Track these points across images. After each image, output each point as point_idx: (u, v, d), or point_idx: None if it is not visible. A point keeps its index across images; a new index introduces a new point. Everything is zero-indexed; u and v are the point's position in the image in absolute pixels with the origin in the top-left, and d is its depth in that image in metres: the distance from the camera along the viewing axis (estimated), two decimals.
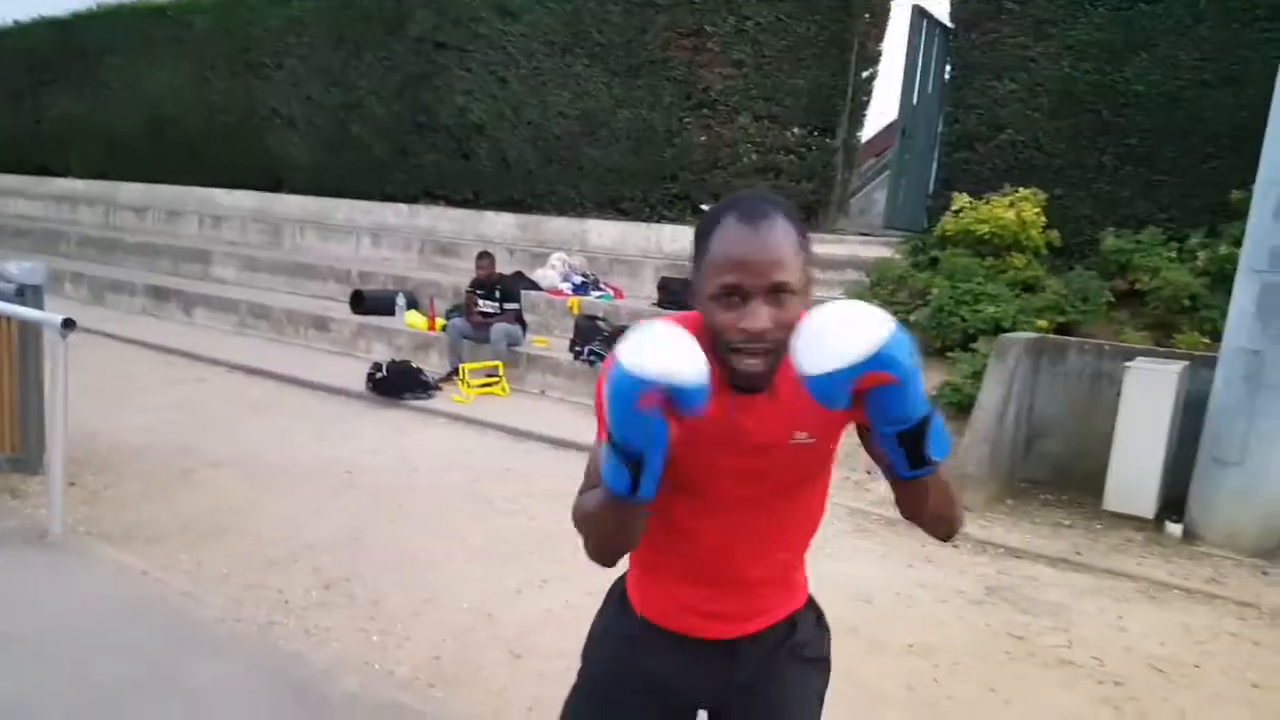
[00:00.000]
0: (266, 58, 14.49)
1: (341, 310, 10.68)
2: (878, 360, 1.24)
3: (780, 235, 1.43)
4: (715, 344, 1.46)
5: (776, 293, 1.42)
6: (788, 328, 1.38)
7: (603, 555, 1.59)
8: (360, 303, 10.52)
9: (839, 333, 1.25)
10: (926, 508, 1.49)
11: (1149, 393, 5.75)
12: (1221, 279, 6.83)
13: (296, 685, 3.47)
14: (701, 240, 1.50)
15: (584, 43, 11.41)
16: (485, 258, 9.02)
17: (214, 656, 3.67)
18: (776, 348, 1.43)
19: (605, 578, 1.88)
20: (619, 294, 10.18)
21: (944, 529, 1.57)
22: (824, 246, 9.89)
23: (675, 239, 10.73)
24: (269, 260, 12.92)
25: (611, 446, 1.35)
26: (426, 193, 13.14)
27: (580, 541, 1.58)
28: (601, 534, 1.55)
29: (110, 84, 16.93)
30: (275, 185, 14.80)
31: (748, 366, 1.46)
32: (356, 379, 8.50)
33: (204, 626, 3.97)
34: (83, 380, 8.22)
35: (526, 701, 3.45)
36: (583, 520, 1.56)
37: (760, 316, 1.41)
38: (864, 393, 1.28)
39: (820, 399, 1.29)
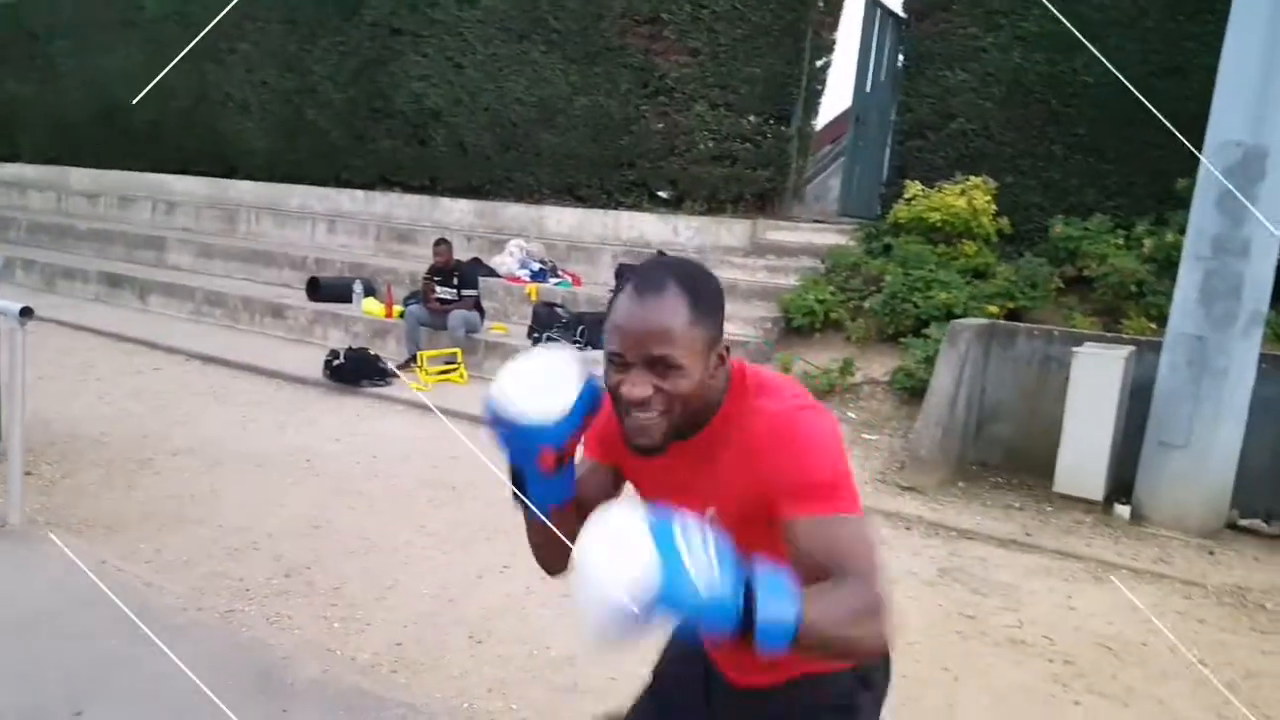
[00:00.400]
0: (220, 42, 14.30)
1: (298, 297, 10.61)
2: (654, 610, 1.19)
3: (667, 308, 1.42)
4: None
5: (656, 363, 1.42)
6: (679, 399, 1.43)
7: (537, 559, 1.71)
8: (316, 290, 10.46)
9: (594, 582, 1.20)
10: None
11: (1096, 377, 5.88)
12: (1167, 265, 6.99)
13: (258, 672, 3.49)
14: (610, 302, 1.52)
15: (540, 29, 11.40)
16: (443, 244, 9.00)
17: (175, 644, 3.67)
18: (667, 416, 1.45)
19: None
20: (577, 281, 10.21)
21: (844, 657, 1.50)
22: (779, 234, 9.99)
23: (633, 226, 10.80)
24: (224, 247, 12.80)
25: None
26: (383, 179, 13.07)
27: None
28: (529, 537, 1.68)
29: (59, 67, 16.62)
30: (229, 171, 14.65)
31: (630, 432, 1.48)
32: (314, 367, 8.46)
33: (164, 615, 3.97)
34: (37, 369, 8.10)
35: (487, 684, 3.50)
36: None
37: (636, 385, 1.43)
38: None
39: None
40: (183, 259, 12.98)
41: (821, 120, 12.50)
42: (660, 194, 10.93)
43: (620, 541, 1.21)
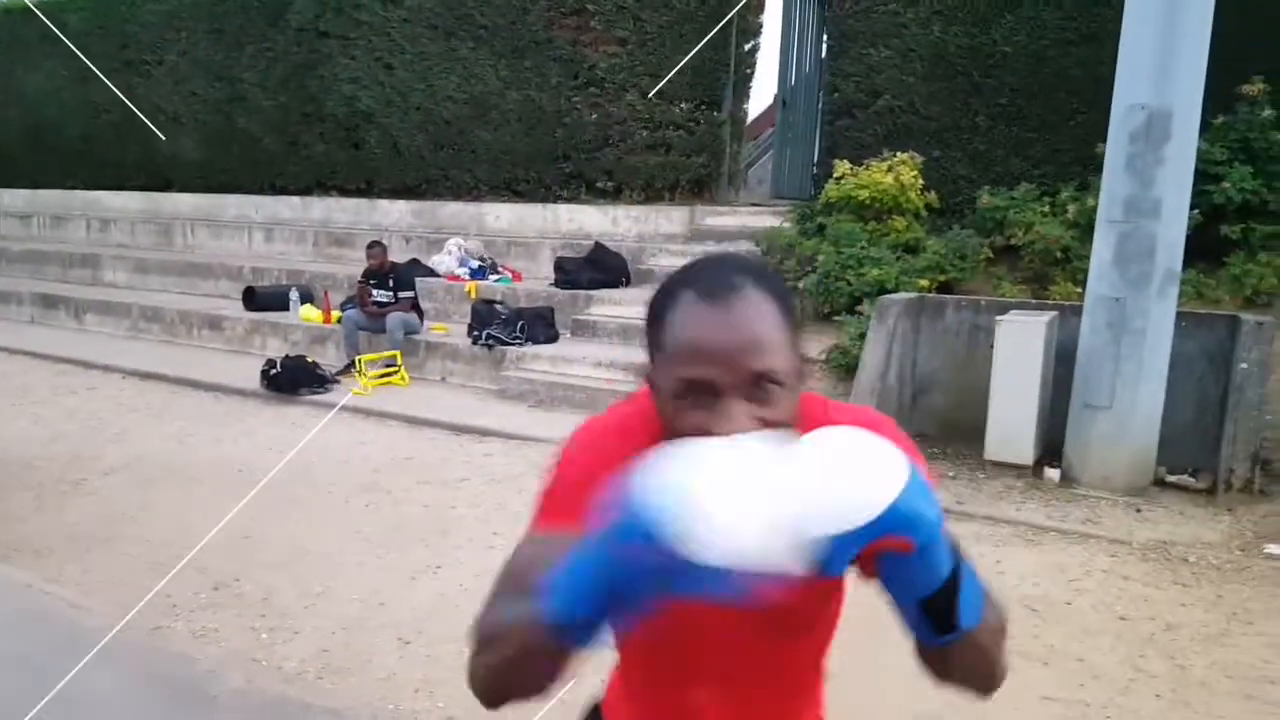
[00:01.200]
0: (146, 54, 14.11)
1: (235, 308, 10.51)
2: (891, 520, 0.91)
3: (757, 311, 1.09)
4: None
5: (758, 385, 1.07)
6: (782, 429, 1.05)
7: (487, 689, 1.14)
8: (252, 299, 10.37)
9: (841, 480, 0.90)
10: (956, 670, 1.14)
11: (1020, 344, 5.95)
12: (1090, 230, 7.08)
13: (182, 686, 3.48)
14: (656, 323, 1.15)
15: (467, 25, 11.34)
16: (376, 246, 8.95)
17: (99, 665, 3.64)
18: None
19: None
20: (517, 276, 10.19)
21: (979, 686, 1.18)
22: (717, 219, 10.04)
23: (571, 219, 10.79)
24: (160, 261, 12.65)
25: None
26: (319, 184, 12.97)
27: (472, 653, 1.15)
28: (497, 659, 1.10)
29: None
30: (164, 184, 14.47)
31: None
32: (252, 378, 8.39)
33: (90, 635, 3.94)
34: None
35: (414, 685, 3.51)
36: (482, 636, 1.12)
37: (737, 418, 1.06)
38: (872, 555, 0.98)
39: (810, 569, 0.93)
40: (119, 276, 12.82)
41: (756, 104, 12.53)
42: (598, 185, 10.93)
43: (872, 444, 0.94)
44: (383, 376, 8.46)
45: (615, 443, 1.19)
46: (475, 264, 10.27)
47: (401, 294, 8.85)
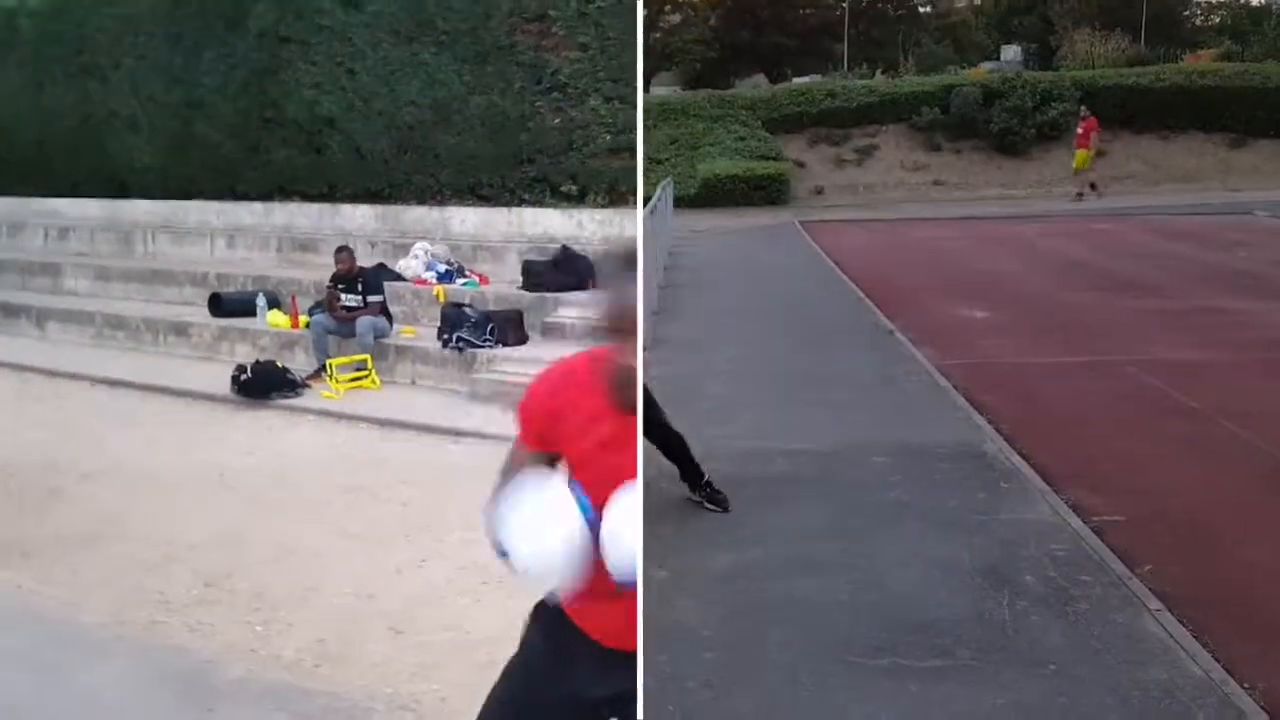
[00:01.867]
0: (103, 59, 14.03)
1: (201, 315, 10.48)
2: None
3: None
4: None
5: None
6: None
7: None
8: (219, 306, 10.37)
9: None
10: None
11: None
12: None
13: (183, 676, 3.59)
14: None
15: (430, 31, 11.42)
16: (344, 251, 9.00)
17: (98, 659, 3.74)
18: None
19: (479, 551, 2.15)
20: (484, 280, 10.27)
21: None
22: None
23: (537, 222, 10.90)
24: (122, 269, 12.57)
25: None
26: (280, 189, 12.95)
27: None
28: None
29: None
30: (122, 191, 14.37)
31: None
32: (222, 383, 8.40)
33: (86, 631, 4.03)
34: None
35: (409, 670, 3.64)
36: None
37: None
38: None
39: None
40: (80, 284, 12.71)
41: None
42: (562, 189, 11.05)
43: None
44: (354, 380, 8.52)
45: (561, 384, 1.92)
46: (442, 268, 10.34)
47: (370, 298, 8.89)
